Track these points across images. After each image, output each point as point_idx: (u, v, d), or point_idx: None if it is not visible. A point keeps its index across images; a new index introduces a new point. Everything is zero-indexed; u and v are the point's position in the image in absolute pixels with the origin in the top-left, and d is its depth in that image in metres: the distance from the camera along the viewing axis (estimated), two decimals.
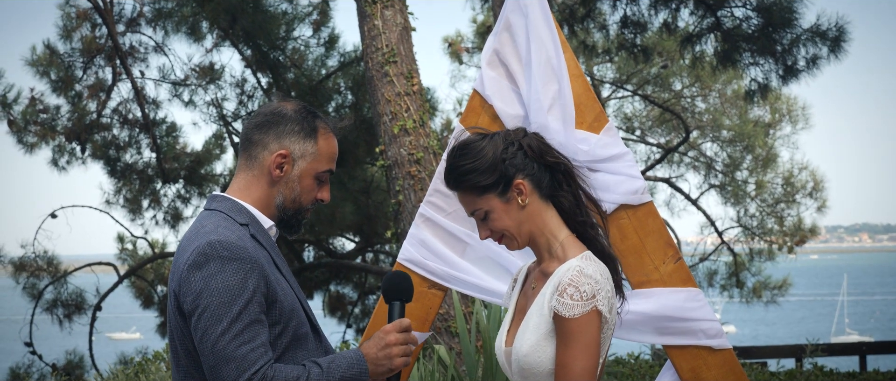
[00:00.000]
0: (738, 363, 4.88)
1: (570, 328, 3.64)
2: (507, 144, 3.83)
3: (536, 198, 3.83)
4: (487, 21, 21.69)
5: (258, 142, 3.82)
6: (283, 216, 3.85)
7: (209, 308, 3.52)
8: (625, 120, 24.25)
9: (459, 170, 3.81)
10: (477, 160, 3.79)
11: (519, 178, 3.79)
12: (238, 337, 3.51)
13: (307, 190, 3.84)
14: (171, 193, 18.39)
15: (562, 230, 3.84)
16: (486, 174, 3.78)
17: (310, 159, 3.82)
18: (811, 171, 23.77)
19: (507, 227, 3.82)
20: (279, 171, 3.79)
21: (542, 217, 3.83)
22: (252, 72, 17.79)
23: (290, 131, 3.81)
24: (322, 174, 3.86)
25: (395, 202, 10.47)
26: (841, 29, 15.03)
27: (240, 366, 3.48)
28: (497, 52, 4.98)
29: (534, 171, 3.82)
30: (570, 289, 3.64)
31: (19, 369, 16.79)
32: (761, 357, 14.64)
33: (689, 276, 4.88)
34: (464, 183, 3.82)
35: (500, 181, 3.78)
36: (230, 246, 3.58)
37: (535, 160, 3.83)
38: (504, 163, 3.78)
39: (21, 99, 16.82)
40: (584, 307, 3.62)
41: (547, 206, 3.85)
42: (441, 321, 9.88)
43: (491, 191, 3.79)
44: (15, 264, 17.77)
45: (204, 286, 3.54)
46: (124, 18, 17.23)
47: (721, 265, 23.58)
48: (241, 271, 3.57)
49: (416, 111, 10.37)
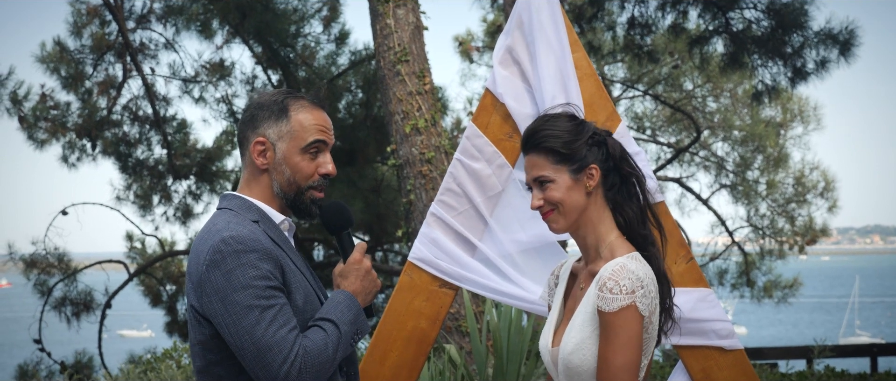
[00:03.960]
0: (750, 363, 4.87)
1: (609, 321, 3.63)
2: (595, 133, 3.86)
3: (600, 194, 3.85)
4: (498, 20, 21.66)
5: (243, 138, 3.89)
6: (288, 201, 3.86)
7: (237, 302, 3.56)
8: (636, 120, 24.21)
9: (545, 131, 3.83)
10: (571, 130, 3.82)
11: (595, 164, 3.82)
12: (273, 323, 3.55)
13: (299, 168, 3.84)
14: (182, 189, 18.39)
15: (612, 232, 3.84)
16: (569, 146, 3.80)
17: (288, 139, 3.83)
18: (822, 171, 23.71)
19: (564, 201, 3.82)
20: (263, 158, 3.83)
21: (597, 213, 3.84)
22: (262, 69, 17.78)
23: (262, 118, 3.85)
24: (309, 146, 3.84)
25: (407, 201, 10.46)
26: (851, 32, 14.99)
27: (282, 350, 3.53)
28: (510, 50, 4.97)
29: (608, 168, 3.85)
30: (609, 283, 3.64)
31: (28, 366, 16.79)
32: (772, 358, 14.60)
33: (700, 276, 4.87)
34: (544, 144, 3.82)
35: (577, 159, 3.80)
36: (243, 240, 3.62)
37: (614, 161, 3.85)
38: (588, 145, 3.82)
39: (31, 96, 16.81)
40: (624, 301, 3.61)
41: (605, 209, 3.86)
42: (452, 321, 9.86)
43: (566, 163, 3.81)
44: (26, 260, 17.78)
45: (226, 282, 3.57)
46: (134, 15, 17.23)
47: (731, 265, 23.55)
48: (258, 261, 3.61)
49: (428, 110, 10.35)
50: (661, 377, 10.39)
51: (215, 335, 3.66)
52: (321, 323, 3.69)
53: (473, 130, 4.98)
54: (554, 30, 4.89)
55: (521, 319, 7.79)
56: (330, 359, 3.64)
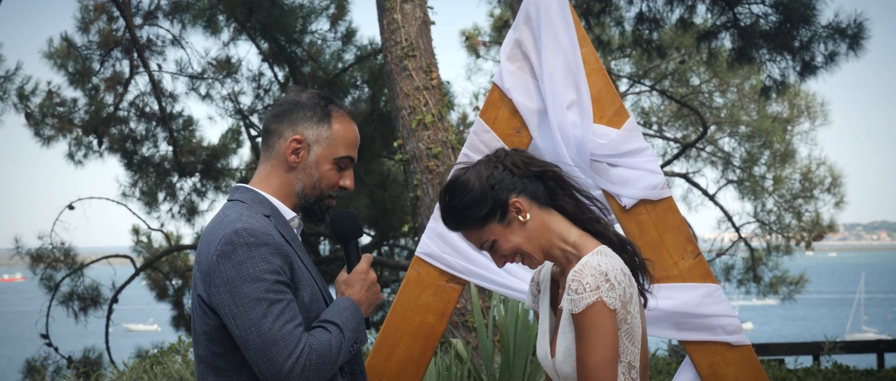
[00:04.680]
0: (757, 359, 4.86)
1: (579, 321, 3.62)
2: (491, 169, 3.80)
3: (536, 210, 3.80)
4: (504, 15, 21.65)
5: (274, 131, 3.86)
6: (305, 204, 3.87)
7: (245, 294, 3.56)
8: (642, 115, 24.20)
9: (454, 210, 3.80)
10: (467, 194, 3.77)
11: (512, 197, 3.77)
12: (280, 318, 3.56)
13: (326, 176, 3.86)
14: (187, 186, 18.41)
15: (571, 232, 3.81)
16: (480, 205, 3.75)
17: (325, 144, 3.84)
18: (829, 166, 23.71)
19: (518, 246, 3.79)
20: (295, 157, 3.82)
21: (548, 227, 3.80)
22: (269, 65, 17.80)
23: (303, 117, 3.84)
24: (341, 160, 3.88)
25: (413, 196, 10.46)
26: (860, 26, 14.97)
27: (288, 345, 3.54)
28: (519, 44, 4.96)
29: (525, 186, 3.79)
30: (573, 285, 3.61)
31: (35, 361, 16.81)
32: (779, 354, 14.60)
33: (707, 271, 4.86)
34: (463, 221, 3.80)
35: (496, 208, 3.76)
36: (256, 233, 3.62)
37: (524, 175, 3.81)
38: (493, 189, 3.76)
39: (38, 92, 16.84)
40: (590, 299, 3.58)
41: (550, 214, 3.82)
42: (458, 316, 9.87)
43: (490, 220, 3.77)
44: (32, 255, 17.81)
45: (236, 274, 3.58)
46: (141, 11, 17.24)
47: (738, 260, 23.55)
48: (269, 255, 3.61)
49: (435, 105, 10.35)
50: (668, 373, 10.38)
51: (221, 327, 3.65)
52: (326, 325, 3.70)
53: (481, 125, 4.97)
54: (563, 25, 4.88)
55: (528, 314, 7.79)
56: (333, 361, 3.65)
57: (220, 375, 3.70)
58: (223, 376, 3.70)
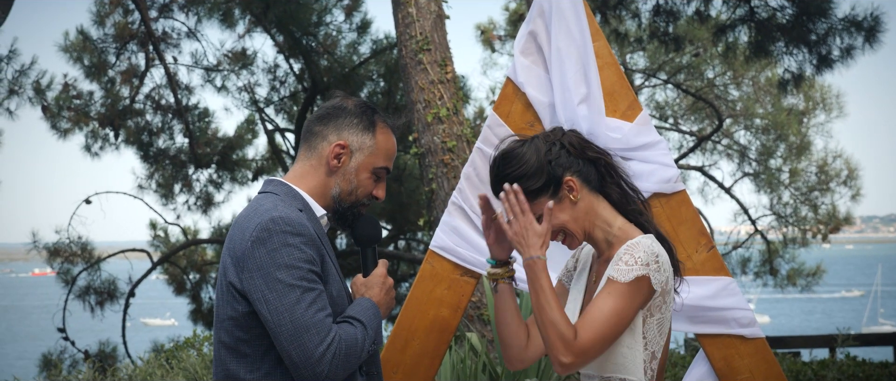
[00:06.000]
0: (771, 351, 4.86)
1: (614, 287, 3.65)
2: (549, 145, 3.85)
3: (587, 192, 3.85)
4: (520, 9, 21.62)
5: (318, 133, 3.93)
6: (339, 208, 3.94)
7: (280, 279, 3.61)
8: (657, 108, 24.16)
9: (508, 178, 3.83)
10: (523, 166, 3.82)
11: (567, 175, 3.82)
12: (313, 305, 3.61)
13: (364, 184, 3.93)
14: (204, 178, 18.47)
15: (616, 219, 3.87)
16: (535, 178, 3.80)
17: (367, 153, 3.92)
18: (845, 159, 23.64)
19: (564, 223, 3.84)
20: (337, 161, 3.89)
21: (595, 210, 3.86)
22: (284, 58, 17.83)
23: (349, 124, 3.92)
24: (379, 170, 3.95)
25: (428, 190, 10.46)
26: (876, 19, 14.92)
27: (320, 332, 3.59)
28: (533, 38, 4.97)
29: (580, 167, 3.85)
30: (625, 256, 3.68)
31: (52, 355, 16.87)
32: (794, 347, 14.56)
33: (721, 265, 4.86)
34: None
35: (550, 182, 3.81)
36: (291, 222, 3.67)
37: (579, 157, 3.86)
38: (550, 164, 3.81)
39: (54, 85, 16.87)
40: (639, 271, 3.65)
41: (598, 199, 3.88)
42: (473, 309, 9.87)
43: (543, 193, 3.82)
44: (50, 249, 17.88)
45: (270, 260, 3.62)
46: (157, 4, 17.27)
47: (755, 253, 23.51)
48: (303, 245, 3.66)
49: (450, 99, 10.34)
50: (682, 366, 10.38)
51: (249, 314, 3.69)
52: (351, 321, 3.75)
53: (495, 119, 4.98)
54: (575, 19, 4.88)
55: None
56: (358, 354, 3.69)
57: (242, 361, 3.73)
58: (246, 362, 3.73)
